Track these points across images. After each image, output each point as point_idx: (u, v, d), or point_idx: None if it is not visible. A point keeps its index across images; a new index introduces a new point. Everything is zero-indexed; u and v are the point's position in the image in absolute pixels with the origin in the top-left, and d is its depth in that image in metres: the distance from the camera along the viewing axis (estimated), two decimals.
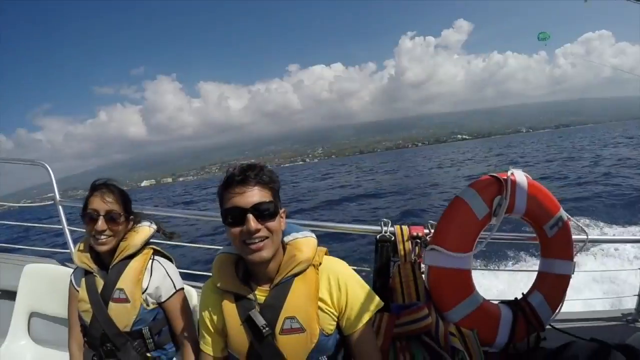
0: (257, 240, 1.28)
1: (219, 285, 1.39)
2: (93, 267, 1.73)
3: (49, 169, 2.98)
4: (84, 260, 1.75)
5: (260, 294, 1.36)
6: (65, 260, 2.97)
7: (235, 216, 1.29)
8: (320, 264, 1.41)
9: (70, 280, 1.85)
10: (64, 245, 2.95)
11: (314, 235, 1.48)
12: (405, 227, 1.89)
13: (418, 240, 1.86)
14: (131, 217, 1.80)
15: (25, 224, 3.95)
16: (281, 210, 1.38)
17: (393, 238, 1.87)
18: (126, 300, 1.67)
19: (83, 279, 1.76)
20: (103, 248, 1.68)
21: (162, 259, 1.83)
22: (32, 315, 2.47)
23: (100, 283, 1.71)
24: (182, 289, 1.82)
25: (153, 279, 1.74)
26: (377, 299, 1.44)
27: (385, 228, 1.90)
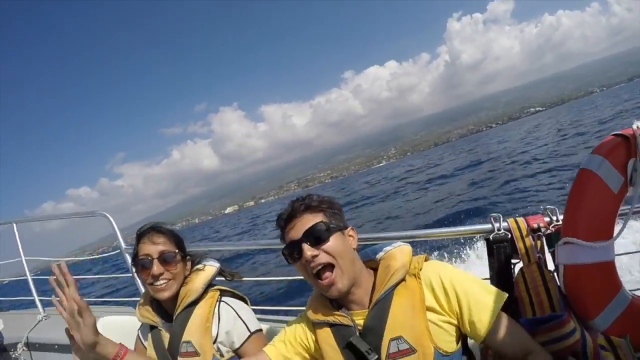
0: (319, 268, 1.19)
1: (312, 319, 1.30)
2: (157, 320, 1.58)
3: (110, 217, 2.92)
4: (145, 314, 1.61)
5: (359, 318, 1.23)
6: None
7: (293, 252, 1.23)
8: (420, 270, 1.25)
9: (138, 336, 1.72)
10: (137, 294, 2.83)
11: (408, 244, 1.33)
12: (521, 220, 1.52)
13: (540, 233, 1.48)
14: (187, 256, 1.64)
15: (97, 276, 4.02)
16: (345, 230, 1.28)
17: (509, 235, 1.51)
18: (195, 354, 1.48)
19: (149, 334, 1.62)
20: (164, 294, 1.52)
21: (231, 300, 1.61)
22: None
23: (166, 337, 1.56)
24: (259, 330, 1.60)
25: (222, 324, 1.53)
26: (495, 289, 1.22)
27: (497, 224, 1.54)
